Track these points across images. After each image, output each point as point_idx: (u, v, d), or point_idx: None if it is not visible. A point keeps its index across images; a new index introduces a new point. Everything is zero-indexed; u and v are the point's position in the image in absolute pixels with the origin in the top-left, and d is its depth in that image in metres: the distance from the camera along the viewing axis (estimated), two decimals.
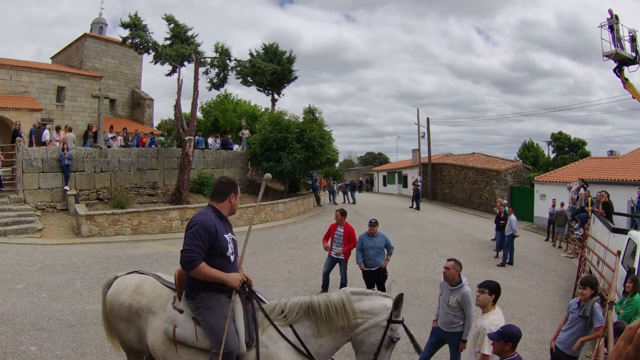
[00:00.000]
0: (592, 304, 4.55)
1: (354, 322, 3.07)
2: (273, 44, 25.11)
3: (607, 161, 19.19)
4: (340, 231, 7.71)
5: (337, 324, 3.06)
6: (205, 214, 3.10)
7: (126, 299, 3.31)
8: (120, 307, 3.33)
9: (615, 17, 11.55)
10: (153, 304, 3.26)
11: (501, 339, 3.20)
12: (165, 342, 3.13)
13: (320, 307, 3.05)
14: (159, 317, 3.19)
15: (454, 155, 32.63)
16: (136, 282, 3.41)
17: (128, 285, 3.39)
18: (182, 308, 3.15)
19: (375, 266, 7.14)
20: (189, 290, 3.12)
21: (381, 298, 3.21)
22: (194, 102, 16.96)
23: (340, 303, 3.06)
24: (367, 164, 60.32)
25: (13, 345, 4.94)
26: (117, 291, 3.40)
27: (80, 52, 27.83)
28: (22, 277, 7.88)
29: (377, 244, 7.19)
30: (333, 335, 3.10)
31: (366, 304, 3.13)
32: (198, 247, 2.93)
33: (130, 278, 3.48)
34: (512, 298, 8.35)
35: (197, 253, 2.93)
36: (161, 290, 3.34)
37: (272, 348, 3.01)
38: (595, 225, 11.10)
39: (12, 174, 13.87)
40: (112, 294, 3.43)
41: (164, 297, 3.28)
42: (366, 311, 3.10)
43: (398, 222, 18.00)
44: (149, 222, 13.83)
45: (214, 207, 3.20)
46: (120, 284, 3.45)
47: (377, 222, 7.33)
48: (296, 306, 3.11)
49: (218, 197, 3.21)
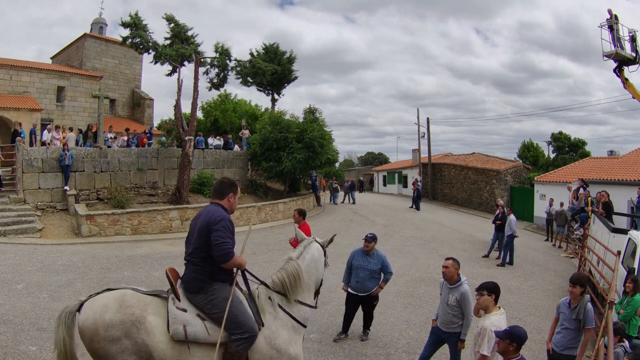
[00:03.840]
0: (584, 305, 4.38)
1: (307, 275, 3.69)
2: (273, 44, 25.12)
3: (607, 161, 19.18)
4: None
5: (299, 289, 3.61)
6: (219, 210, 3.30)
7: (114, 316, 3.01)
8: (109, 328, 2.99)
9: (615, 17, 11.54)
10: (147, 312, 3.09)
11: (507, 338, 3.20)
12: (176, 346, 3.07)
13: (290, 282, 3.57)
14: (160, 323, 3.08)
15: (454, 155, 32.62)
16: (116, 297, 3.14)
17: (108, 304, 3.08)
18: (185, 307, 3.17)
19: (364, 292, 5.76)
20: (200, 284, 3.22)
21: (313, 243, 3.87)
22: (194, 102, 16.96)
23: (295, 273, 3.60)
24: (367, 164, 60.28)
25: (13, 345, 4.94)
26: (95, 313, 3.05)
27: (80, 52, 27.85)
28: (22, 277, 7.88)
29: (371, 265, 5.73)
30: (303, 297, 3.64)
31: (308, 258, 3.75)
32: (230, 239, 3.20)
33: (104, 297, 3.16)
34: (512, 298, 8.35)
35: (232, 245, 3.20)
36: (145, 298, 3.18)
37: (274, 328, 3.38)
38: (595, 225, 11.09)
39: (12, 174, 13.87)
40: (90, 318, 3.04)
41: (153, 303, 3.16)
42: (310, 260, 3.75)
43: (398, 222, 18.00)
44: (149, 222, 13.84)
45: (218, 204, 3.39)
46: (95, 305, 3.10)
47: (375, 238, 5.86)
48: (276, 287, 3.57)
49: (218, 196, 3.41)
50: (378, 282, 5.84)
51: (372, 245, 5.79)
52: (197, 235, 3.23)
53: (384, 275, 5.85)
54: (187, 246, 3.38)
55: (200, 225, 3.24)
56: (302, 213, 7.40)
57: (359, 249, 5.93)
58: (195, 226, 3.32)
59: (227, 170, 19.81)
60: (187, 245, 3.38)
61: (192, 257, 3.27)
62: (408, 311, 7.34)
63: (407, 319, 6.97)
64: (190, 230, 3.40)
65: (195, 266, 3.25)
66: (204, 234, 3.19)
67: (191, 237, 3.34)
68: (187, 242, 3.41)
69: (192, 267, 3.27)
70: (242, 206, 16.48)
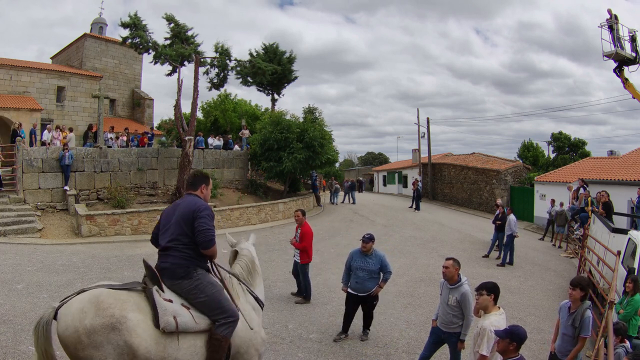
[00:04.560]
0: (582, 312, 4.19)
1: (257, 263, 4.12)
2: (273, 44, 25.09)
3: (607, 161, 19.17)
4: (299, 231, 7.48)
5: (256, 274, 4.03)
6: (199, 200, 3.48)
7: (94, 321, 2.86)
8: (91, 334, 2.83)
9: (615, 17, 11.54)
10: (126, 311, 2.95)
11: (507, 337, 3.21)
12: (161, 341, 3.01)
13: (251, 267, 3.97)
14: (142, 320, 2.99)
15: (454, 155, 32.61)
16: (90, 299, 2.96)
17: (84, 308, 2.91)
18: (170, 297, 3.16)
19: (364, 292, 5.79)
20: (186, 270, 3.27)
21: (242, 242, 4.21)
22: (194, 102, 16.96)
23: (251, 257, 4.02)
24: (367, 164, 60.28)
25: (13, 345, 4.94)
26: (74, 320, 2.88)
27: (80, 52, 27.84)
28: (22, 277, 7.87)
29: (370, 266, 5.75)
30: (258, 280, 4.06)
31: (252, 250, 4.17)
32: (213, 227, 3.36)
33: (79, 300, 2.98)
34: (512, 298, 8.35)
35: (214, 233, 3.35)
36: (121, 295, 3.06)
37: (247, 311, 3.63)
38: (595, 225, 11.09)
39: (12, 174, 13.86)
40: (70, 327, 2.87)
41: (131, 299, 3.06)
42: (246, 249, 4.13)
43: (398, 222, 18.00)
44: (149, 222, 13.82)
45: (194, 194, 3.57)
46: (71, 311, 2.92)
47: (373, 238, 5.87)
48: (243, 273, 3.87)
49: (192, 187, 3.59)
50: (377, 282, 5.83)
51: (369, 246, 5.78)
52: (180, 222, 3.29)
53: (383, 275, 5.84)
54: (163, 234, 3.40)
55: (182, 213, 3.32)
56: (304, 213, 7.51)
57: (358, 249, 5.90)
58: (172, 215, 3.39)
59: (227, 170, 19.81)
60: (163, 233, 3.40)
61: (176, 243, 3.28)
62: (408, 311, 7.34)
63: (407, 319, 6.97)
64: (165, 219, 3.46)
65: (180, 252, 3.26)
66: (188, 221, 3.27)
67: (167, 225, 3.39)
68: (161, 231, 3.44)
69: (175, 253, 3.27)
70: (242, 206, 16.48)
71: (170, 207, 3.55)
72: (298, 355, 5.45)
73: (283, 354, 5.43)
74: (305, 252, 7.38)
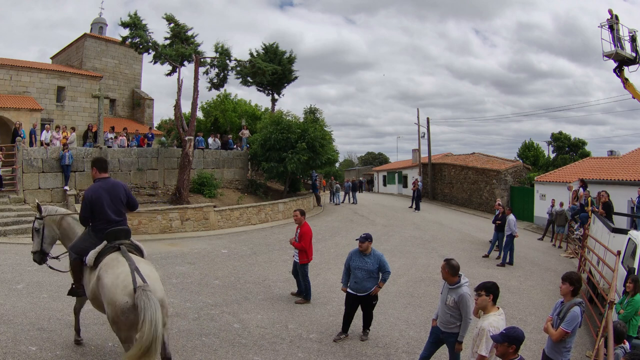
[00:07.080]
0: (569, 305, 4.11)
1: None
2: (273, 44, 25.04)
3: (607, 161, 19.17)
4: (297, 231, 7.48)
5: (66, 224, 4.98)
6: (118, 180, 4.78)
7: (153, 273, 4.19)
8: None
9: (615, 17, 11.53)
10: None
11: (505, 341, 3.17)
12: None
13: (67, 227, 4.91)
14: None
15: (454, 155, 32.60)
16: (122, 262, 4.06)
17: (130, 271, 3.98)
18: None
19: (363, 292, 5.79)
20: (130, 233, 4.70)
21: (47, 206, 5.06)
22: (194, 102, 16.96)
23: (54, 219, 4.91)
24: (367, 164, 60.29)
25: (13, 345, 4.94)
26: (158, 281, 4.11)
27: (80, 52, 27.83)
28: (22, 277, 7.87)
29: (368, 266, 5.73)
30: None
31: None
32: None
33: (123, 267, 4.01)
34: (512, 298, 8.35)
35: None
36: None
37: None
38: (595, 225, 11.09)
39: (12, 174, 13.87)
40: (162, 289, 4.08)
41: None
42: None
43: (398, 222, 18.00)
44: (149, 222, 13.81)
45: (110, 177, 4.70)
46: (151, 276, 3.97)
47: (370, 237, 5.83)
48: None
49: (106, 171, 4.68)
50: (376, 281, 5.83)
51: (366, 245, 5.76)
52: (123, 200, 4.49)
53: (382, 274, 5.83)
54: (108, 212, 4.34)
55: (121, 193, 4.50)
56: (303, 213, 7.50)
57: (356, 249, 5.90)
58: (116, 195, 4.45)
59: (227, 170, 19.81)
60: (107, 211, 4.34)
61: (123, 217, 4.51)
62: (408, 311, 7.34)
63: (407, 319, 6.97)
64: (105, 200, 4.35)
65: (126, 221, 4.56)
66: (125, 197, 4.53)
67: (111, 204, 4.37)
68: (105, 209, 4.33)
69: (123, 223, 4.47)
70: (242, 206, 16.47)
71: (105, 189, 4.44)
72: (298, 355, 5.45)
73: (283, 354, 5.43)
74: (304, 252, 7.36)
